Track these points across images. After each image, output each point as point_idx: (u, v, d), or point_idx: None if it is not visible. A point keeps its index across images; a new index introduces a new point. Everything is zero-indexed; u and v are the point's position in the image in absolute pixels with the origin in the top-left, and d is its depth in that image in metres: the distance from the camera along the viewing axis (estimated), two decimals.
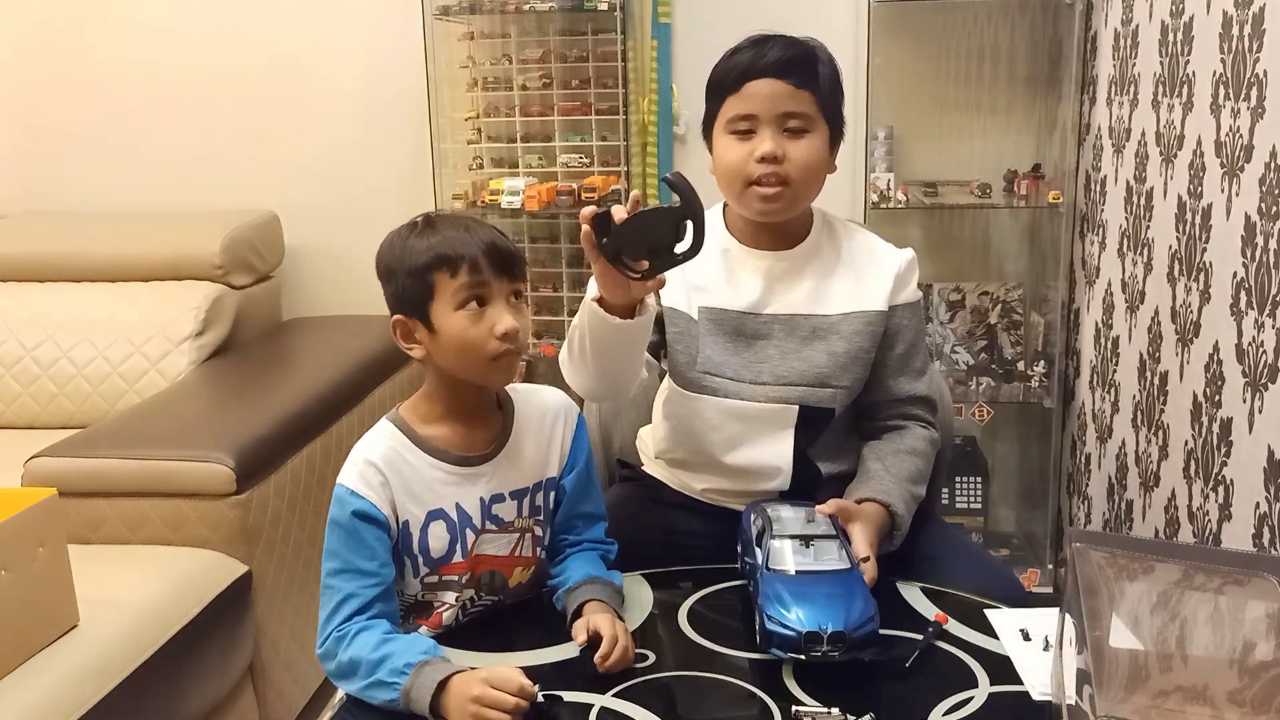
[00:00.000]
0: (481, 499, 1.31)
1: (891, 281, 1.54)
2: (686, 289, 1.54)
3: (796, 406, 1.52)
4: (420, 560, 1.29)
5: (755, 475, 1.54)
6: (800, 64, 1.45)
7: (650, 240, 1.29)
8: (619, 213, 1.29)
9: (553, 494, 1.38)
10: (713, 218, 1.59)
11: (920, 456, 1.55)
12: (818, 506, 1.37)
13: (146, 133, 2.93)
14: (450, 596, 1.32)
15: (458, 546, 1.30)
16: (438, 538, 1.29)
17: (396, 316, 1.29)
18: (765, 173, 1.45)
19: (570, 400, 1.43)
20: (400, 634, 1.24)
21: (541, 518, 1.37)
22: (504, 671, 1.15)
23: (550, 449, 1.37)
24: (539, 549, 1.38)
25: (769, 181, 1.46)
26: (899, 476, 1.50)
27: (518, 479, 1.34)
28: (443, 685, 1.14)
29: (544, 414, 1.38)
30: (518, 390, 1.39)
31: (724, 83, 1.48)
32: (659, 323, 1.54)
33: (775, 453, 1.53)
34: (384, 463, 1.27)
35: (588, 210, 1.30)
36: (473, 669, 1.16)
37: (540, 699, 1.14)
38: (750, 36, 1.49)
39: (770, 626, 1.19)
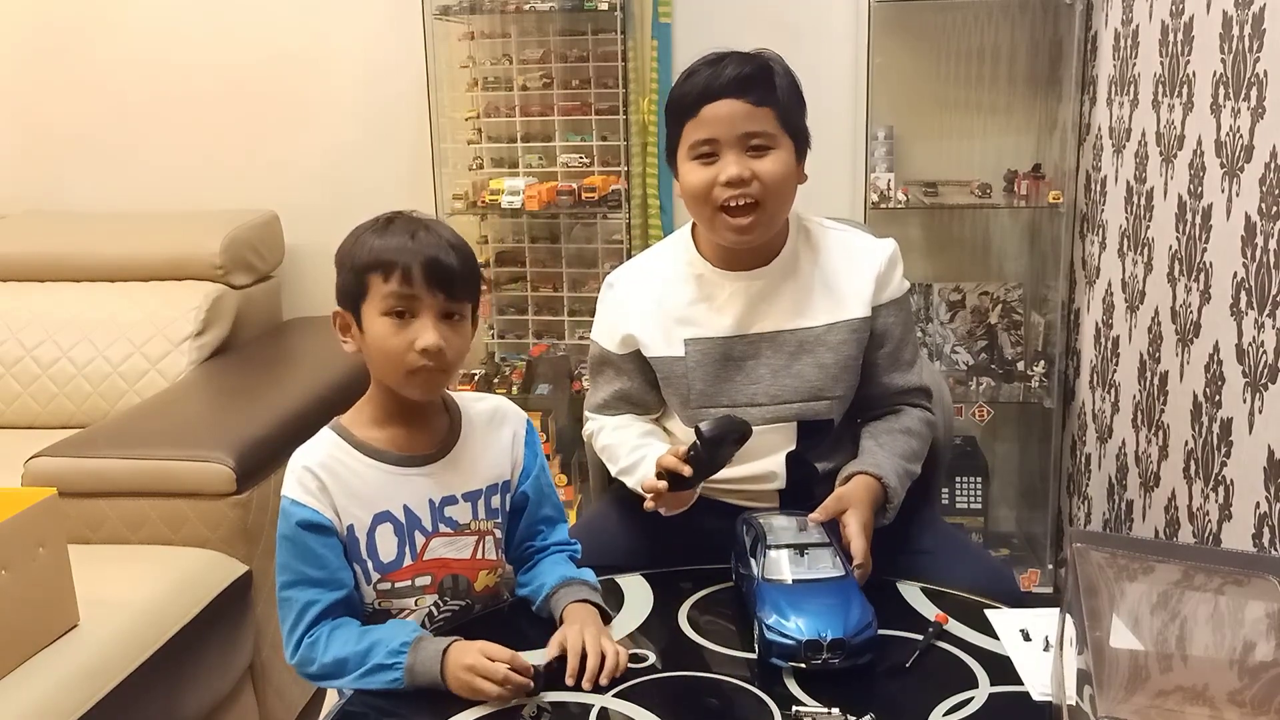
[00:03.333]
0: (431, 501, 1.30)
1: (872, 284, 1.52)
2: (666, 330, 1.53)
3: (795, 423, 1.52)
4: (370, 565, 1.28)
5: (752, 479, 1.55)
6: (757, 80, 1.42)
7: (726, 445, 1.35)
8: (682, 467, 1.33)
9: (509, 498, 1.37)
10: (683, 242, 1.57)
11: (915, 436, 1.54)
12: (810, 516, 1.37)
13: (146, 133, 2.92)
14: (409, 602, 1.30)
15: (406, 550, 1.29)
16: (386, 540, 1.28)
17: (337, 309, 1.30)
18: (733, 195, 1.42)
19: (519, 408, 1.42)
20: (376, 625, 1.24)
21: (500, 520, 1.36)
22: (500, 648, 1.17)
23: (502, 452, 1.37)
24: (501, 551, 1.37)
25: (739, 204, 1.43)
26: (892, 452, 1.50)
27: (469, 481, 1.33)
28: (444, 655, 1.17)
29: (492, 417, 1.38)
30: (464, 396, 1.39)
31: (681, 106, 1.45)
32: (650, 373, 1.56)
33: (772, 461, 1.54)
34: (320, 467, 1.26)
35: (660, 484, 1.34)
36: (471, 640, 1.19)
37: (537, 707, 1.15)
38: (704, 56, 1.46)
39: (770, 636, 1.20)
